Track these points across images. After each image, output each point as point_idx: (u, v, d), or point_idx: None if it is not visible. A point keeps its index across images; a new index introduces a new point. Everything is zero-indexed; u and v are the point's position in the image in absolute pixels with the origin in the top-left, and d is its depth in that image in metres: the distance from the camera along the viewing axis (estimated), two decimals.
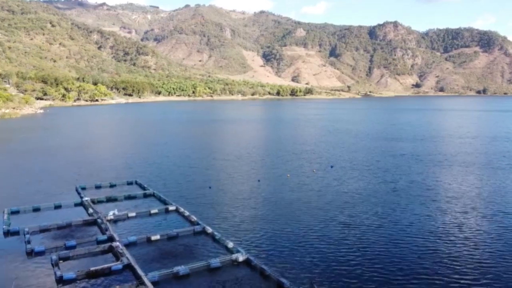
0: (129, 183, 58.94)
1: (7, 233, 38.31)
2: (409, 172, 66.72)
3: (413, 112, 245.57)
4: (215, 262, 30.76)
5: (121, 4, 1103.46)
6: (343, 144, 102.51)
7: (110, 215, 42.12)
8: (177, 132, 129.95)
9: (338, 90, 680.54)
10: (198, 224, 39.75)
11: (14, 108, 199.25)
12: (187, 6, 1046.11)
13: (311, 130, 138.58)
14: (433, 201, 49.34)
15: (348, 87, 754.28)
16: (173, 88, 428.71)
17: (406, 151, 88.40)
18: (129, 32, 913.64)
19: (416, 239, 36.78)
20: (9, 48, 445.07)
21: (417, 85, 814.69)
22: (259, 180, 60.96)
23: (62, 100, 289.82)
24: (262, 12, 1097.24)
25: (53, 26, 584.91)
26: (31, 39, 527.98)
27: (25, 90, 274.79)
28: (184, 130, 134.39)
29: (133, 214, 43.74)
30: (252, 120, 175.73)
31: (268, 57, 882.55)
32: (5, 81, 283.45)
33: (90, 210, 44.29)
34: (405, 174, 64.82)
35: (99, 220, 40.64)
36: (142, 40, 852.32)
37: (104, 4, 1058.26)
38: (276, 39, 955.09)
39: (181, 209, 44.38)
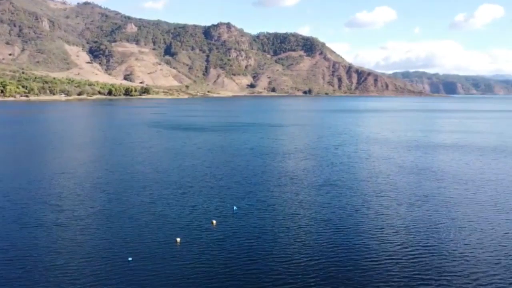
0: None
1: None
2: None
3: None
4: None
5: None
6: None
7: None
8: None
9: (177, 90, 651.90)
10: None
11: None
12: None
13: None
14: None
15: (186, 86, 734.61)
16: None
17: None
18: None
19: None
20: None
21: (251, 85, 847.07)
22: None
23: None
24: (86, 3, 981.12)
25: None
26: None
27: None
28: None
29: None
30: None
31: (95, 53, 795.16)
32: None
33: None
34: None
35: None
36: None
37: None
38: (104, 34, 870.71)
39: None
